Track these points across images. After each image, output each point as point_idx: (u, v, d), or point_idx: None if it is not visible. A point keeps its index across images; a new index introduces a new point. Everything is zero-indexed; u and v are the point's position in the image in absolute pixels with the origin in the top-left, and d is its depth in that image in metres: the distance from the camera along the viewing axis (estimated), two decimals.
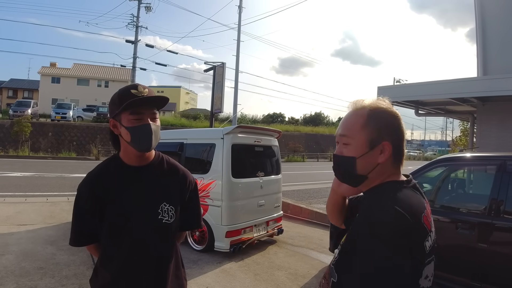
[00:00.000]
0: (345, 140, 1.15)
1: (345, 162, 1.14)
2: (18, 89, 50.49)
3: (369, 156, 1.11)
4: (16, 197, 9.34)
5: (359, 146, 1.11)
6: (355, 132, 1.13)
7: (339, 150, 1.17)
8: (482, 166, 4.70)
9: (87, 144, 27.83)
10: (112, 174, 1.58)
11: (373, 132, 1.11)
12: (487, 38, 9.27)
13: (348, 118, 1.17)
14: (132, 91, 1.50)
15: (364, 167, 1.12)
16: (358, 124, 1.13)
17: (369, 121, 1.12)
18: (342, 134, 1.16)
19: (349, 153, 1.13)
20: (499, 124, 8.39)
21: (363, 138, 1.11)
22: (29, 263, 4.76)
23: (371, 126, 1.11)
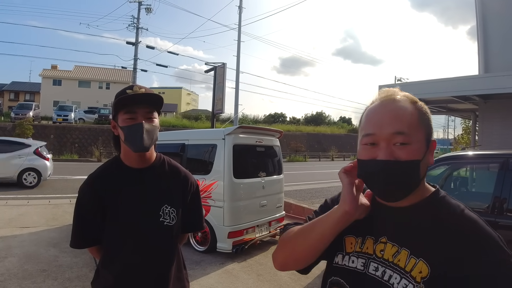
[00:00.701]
0: (404, 138, 0.90)
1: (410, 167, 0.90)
2: (19, 92, 50.56)
3: (426, 157, 0.93)
4: (18, 200, 9.36)
5: (420, 146, 0.91)
6: (414, 129, 0.91)
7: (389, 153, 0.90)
8: (485, 164, 4.69)
9: (89, 146, 27.86)
10: (113, 176, 1.57)
11: (427, 128, 0.94)
12: (488, 35, 9.25)
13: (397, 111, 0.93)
14: (127, 91, 1.50)
15: (423, 172, 0.93)
16: (415, 119, 0.92)
17: (422, 115, 0.94)
18: (400, 131, 0.90)
19: (412, 155, 0.89)
20: (502, 121, 8.37)
21: (422, 136, 0.92)
22: (32, 265, 4.77)
23: (424, 121, 0.94)
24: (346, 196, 0.95)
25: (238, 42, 23.56)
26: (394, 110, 0.93)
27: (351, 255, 1.02)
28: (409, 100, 0.95)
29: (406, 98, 0.95)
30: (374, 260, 0.96)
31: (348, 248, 1.03)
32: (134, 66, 29.11)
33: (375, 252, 0.97)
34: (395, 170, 0.89)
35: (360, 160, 0.97)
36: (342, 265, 1.03)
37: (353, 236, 1.03)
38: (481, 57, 9.31)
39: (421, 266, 0.87)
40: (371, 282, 0.95)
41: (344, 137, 49.82)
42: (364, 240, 1.01)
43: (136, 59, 28.90)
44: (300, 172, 22.02)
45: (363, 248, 1.00)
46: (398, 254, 0.92)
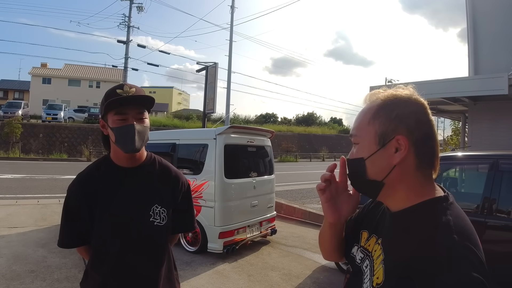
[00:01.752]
0: (355, 139, 0.96)
1: (354, 166, 0.96)
2: (8, 90, 50.02)
3: (380, 155, 0.90)
4: (6, 199, 9.24)
5: (367, 144, 0.92)
6: (362, 129, 0.94)
7: (350, 152, 0.99)
8: (474, 165, 4.73)
9: (78, 145, 27.65)
10: (103, 175, 1.55)
11: (384, 125, 0.90)
12: (478, 38, 9.37)
13: (359, 114, 0.98)
14: (117, 90, 1.48)
15: (376, 170, 0.91)
16: (366, 119, 0.93)
17: (379, 111, 0.92)
18: (351, 133, 0.98)
19: (357, 154, 0.94)
20: (491, 123, 8.48)
21: (371, 133, 0.91)
22: (20, 266, 4.70)
23: (382, 117, 0.91)
24: (324, 211, 1.06)
25: (230, 42, 23.54)
26: (358, 113, 0.99)
27: (359, 248, 1.06)
28: (380, 98, 0.94)
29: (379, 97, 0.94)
30: (369, 258, 0.98)
31: (362, 241, 1.07)
32: (125, 65, 28.89)
33: (372, 251, 0.98)
34: (349, 167, 0.99)
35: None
36: (354, 255, 1.07)
37: (367, 231, 1.06)
38: (471, 59, 9.43)
39: (380, 273, 0.87)
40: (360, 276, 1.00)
41: (335, 137, 50.04)
42: (370, 236, 1.03)
43: (127, 58, 28.68)
44: (291, 172, 22.08)
45: (366, 244, 1.03)
46: (378, 258, 0.92)
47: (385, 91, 0.95)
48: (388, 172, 0.89)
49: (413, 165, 0.89)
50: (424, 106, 0.92)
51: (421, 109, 0.91)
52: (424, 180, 0.91)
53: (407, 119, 0.89)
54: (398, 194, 0.91)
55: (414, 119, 0.89)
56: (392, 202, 0.93)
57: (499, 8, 9.09)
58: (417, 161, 0.89)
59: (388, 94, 0.94)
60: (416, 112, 0.90)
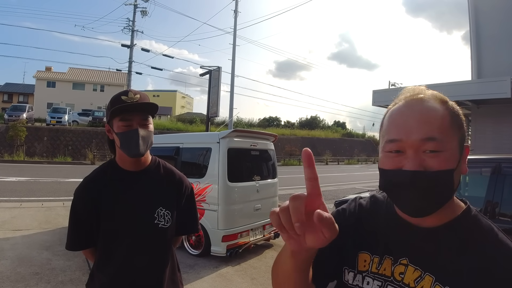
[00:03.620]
0: (435, 145, 0.77)
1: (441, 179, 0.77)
2: (13, 93, 50.24)
3: (460, 165, 0.81)
4: (11, 202, 9.30)
5: (454, 153, 0.79)
6: (446, 133, 0.78)
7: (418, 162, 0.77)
8: (477, 168, 4.72)
9: (82, 148, 27.71)
10: (109, 178, 1.58)
11: (460, 132, 0.81)
12: (481, 41, 9.36)
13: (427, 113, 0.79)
14: (122, 97, 1.52)
15: (457, 183, 0.80)
16: (446, 122, 0.79)
17: (454, 117, 0.81)
18: (431, 136, 0.77)
19: (444, 164, 0.77)
20: (494, 126, 8.46)
21: (456, 141, 0.80)
22: (25, 268, 4.73)
23: (458, 124, 0.81)
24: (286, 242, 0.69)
25: (234, 45, 23.61)
26: (423, 112, 0.80)
27: (365, 275, 0.89)
28: (438, 100, 0.82)
29: (435, 97, 0.83)
30: (392, 283, 0.84)
31: (361, 266, 0.91)
32: (129, 68, 29.08)
33: (393, 274, 0.85)
34: (426, 182, 0.76)
35: (382, 170, 0.84)
36: (355, 285, 0.90)
37: (368, 253, 0.91)
38: (474, 63, 9.41)
39: None
40: None
41: (338, 141, 49.94)
42: (381, 260, 0.88)
43: (131, 62, 28.88)
44: (294, 176, 22.04)
45: (379, 269, 0.87)
46: (421, 280, 0.80)
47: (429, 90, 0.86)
48: (458, 183, 0.81)
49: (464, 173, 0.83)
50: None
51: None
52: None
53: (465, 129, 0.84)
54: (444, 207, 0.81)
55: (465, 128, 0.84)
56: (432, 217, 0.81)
57: (501, 11, 9.08)
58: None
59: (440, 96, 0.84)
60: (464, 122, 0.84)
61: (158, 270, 1.59)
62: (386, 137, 0.83)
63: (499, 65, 8.68)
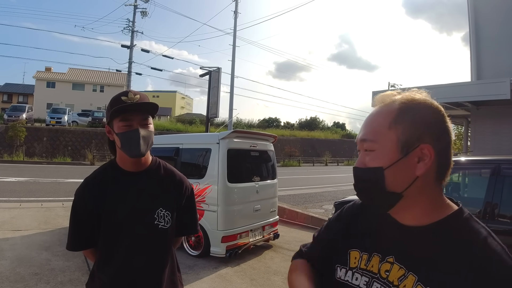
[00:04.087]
0: (368, 145, 0.86)
1: (370, 175, 0.85)
2: (13, 94, 50.25)
3: (402, 164, 0.82)
4: (10, 203, 9.29)
5: (387, 152, 0.83)
6: (380, 134, 0.85)
7: (360, 160, 0.89)
8: (477, 169, 4.74)
9: (82, 149, 27.71)
10: (109, 179, 1.59)
11: (406, 131, 0.83)
12: (480, 42, 9.37)
13: (372, 117, 0.89)
14: (122, 97, 1.52)
15: (396, 181, 0.83)
16: (386, 123, 0.85)
17: (403, 116, 0.84)
18: (363, 138, 0.88)
19: (374, 162, 0.84)
20: (493, 127, 8.47)
21: (392, 140, 0.83)
22: (24, 268, 4.73)
23: (406, 122, 0.83)
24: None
25: (233, 46, 23.62)
26: (369, 117, 0.90)
27: (355, 271, 0.94)
28: (398, 102, 0.86)
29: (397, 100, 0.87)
30: (378, 280, 0.88)
31: (352, 262, 0.96)
32: (128, 69, 29.05)
33: (379, 271, 0.88)
34: (359, 177, 0.89)
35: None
36: (346, 281, 0.95)
37: (358, 250, 0.96)
38: (474, 64, 9.43)
39: None
40: None
41: (338, 142, 49.99)
42: (370, 256, 0.92)
43: (130, 62, 28.84)
44: (294, 177, 22.05)
45: (368, 266, 0.91)
46: (404, 279, 0.83)
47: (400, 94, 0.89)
48: (409, 184, 0.82)
49: (433, 176, 0.84)
50: (444, 113, 0.86)
51: (442, 115, 0.85)
52: (440, 191, 0.87)
53: (433, 127, 0.84)
54: (417, 208, 0.85)
55: (437, 127, 0.84)
56: (408, 216, 0.87)
57: (501, 13, 9.10)
58: (437, 172, 0.85)
59: (408, 97, 0.87)
60: (438, 119, 0.85)
61: (158, 270, 1.60)
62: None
63: (499, 67, 8.70)
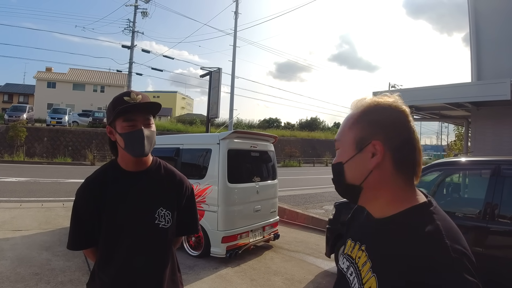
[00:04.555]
0: (337, 144, 1.00)
1: (335, 170, 0.99)
2: (13, 94, 50.30)
3: (357, 160, 0.93)
4: (11, 203, 9.30)
5: (346, 149, 0.96)
6: (344, 134, 0.98)
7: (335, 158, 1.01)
8: (477, 170, 4.74)
9: (82, 149, 27.73)
10: (110, 179, 1.59)
11: (362, 130, 0.93)
12: (481, 43, 9.36)
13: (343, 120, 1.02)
14: (125, 98, 1.53)
15: (354, 174, 0.93)
16: (348, 124, 0.97)
17: (361, 117, 0.95)
18: (335, 139, 1.02)
19: (338, 158, 0.98)
20: (494, 128, 8.46)
21: (350, 138, 0.95)
22: (25, 268, 4.74)
23: (361, 123, 0.94)
24: None
25: (234, 47, 23.63)
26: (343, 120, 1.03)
27: (344, 256, 1.06)
28: (363, 105, 0.96)
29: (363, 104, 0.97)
30: (353, 265, 0.98)
31: (346, 249, 1.07)
32: (129, 69, 29.06)
33: (355, 257, 0.98)
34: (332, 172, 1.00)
35: None
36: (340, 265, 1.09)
37: (350, 238, 1.08)
38: (474, 65, 9.41)
39: (372, 282, 0.85)
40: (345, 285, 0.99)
41: None
42: (355, 244, 1.02)
43: (131, 63, 28.86)
44: (294, 177, 22.05)
45: (352, 253, 1.02)
46: (364, 265, 0.91)
47: (369, 98, 0.97)
48: (365, 176, 0.91)
49: (391, 170, 0.90)
50: (405, 113, 0.92)
51: (401, 115, 0.92)
52: (404, 186, 0.92)
53: (386, 126, 0.91)
54: (380, 200, 0.93)
55: (392, 125, 0.91)
56: (374, 208, 0.96)
57: (502, 13, 9.09)
58: (396, 167, 0.90)
59: (371, 101, 0.96)
60: (394, 119, 0.91)
61: (158, 270, 1.60)
62: None
63: (499, 67, 8.68)
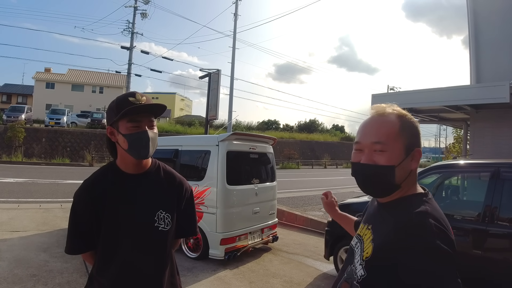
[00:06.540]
0: (381, 147, 1.11)
1: (382, 172, 1.10)
2: (12, 94, 50.24)
3: (404, 163, 1.11)
4: (9, 203, 9.26)
5: (397, 153, 1.10)
6: (391, 139, 1.11)
7: (369, 158, 1.13)
8: (476, 173, 4.73)
9: (81, 150, 27.70)
10: (109, 181, 1.57)
11: (407, 139, 1.12)
12: (480, 46, 9.38)
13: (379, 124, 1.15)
14: (130, 98, 1.50)
15: (401, 176, 1.11)
16: (394, 130, 1.11)
17: (404, 127, 1.12)
18: (377, 141, 1.12)
19: (387, 161, 1.10)
20: (492, 131, 8.47)
21: (400, 145, 1.11)
22: (22, 270, 4.71)
23: (405, 132, 1.12)
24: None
25: (233, 48, 23.66)
26: (377, 123, 1.15)
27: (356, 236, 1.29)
28: (395, 115, 1.15)
29: (393, 113, 1.15)
30: (360, 240, 1.21)
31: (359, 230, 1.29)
32: (128, 70, 29.09)
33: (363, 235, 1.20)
34: (373, 172, 1.12)
35: (351, 162, 1.22)
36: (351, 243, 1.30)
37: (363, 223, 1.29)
38: (473, 67, 9.43)
39: (369, 249, 1.09)
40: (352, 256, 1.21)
41: (337, 144, 49.98)
42: (364, 225, 1.25)
43: (130, 64, 28.89)
44: (293, 179, 22.05)
45: (361, 232, 1.24)
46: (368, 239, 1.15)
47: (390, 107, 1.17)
48: (406, 177, 1.12)
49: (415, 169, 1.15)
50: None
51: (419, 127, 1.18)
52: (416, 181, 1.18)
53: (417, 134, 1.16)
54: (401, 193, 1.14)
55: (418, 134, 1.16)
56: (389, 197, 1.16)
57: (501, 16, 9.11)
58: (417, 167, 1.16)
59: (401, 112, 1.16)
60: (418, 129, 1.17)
61: (158, 273, 1.59)
62: (355, 140, 1.22)
63: (498, 70, 8.70)
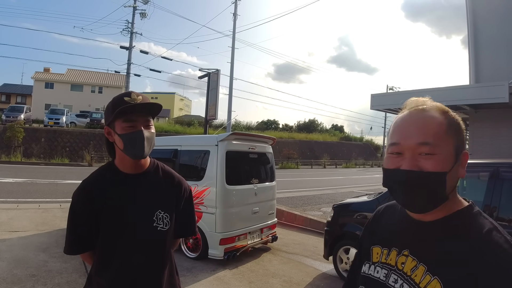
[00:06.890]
0: (428, 149, 0.88)
1: (431, 180, 0.87)
2: (11, 94, 50.19)
3: (454, 169, 0.90)
4: (8, 203, 9.25)
5: (447, 157, 0.88)
6: (440, 139, 0.89)
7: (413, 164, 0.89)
8: (475, 173, 4.73)
9: (80, 150, 27.67)
10: (107, 181, 1.57)
11: (455, 139, 0.91)
12: (479, 46, 9.40)
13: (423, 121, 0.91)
14: (125, 98, 1.50)
15: (451, 184, 0.89)
16: (442, 129, 0.90)
17: (450, 124, 0.91)
18: (424, 141, 0.88)
19: (436, 166, 0.87)
20: (492, 130, 8.49)
21: (450, 147, 0.89)
22: (21, 270, 4.71)
23: (453, 132, 0.91)
24: None
25: (232, 48, 23.67)
26: (421, 120, 0.91)
27: (377, 265, 1.03)
28: (439, 110, 0.93)
29: (435, 107, 0.93)
30: (395, 272, 0.96)
31: (375, 257, 1.05)
32: (127, 70, 29.08)
33: (396, 264, 0.97)
34: (419, 181, 0.88)
35: (385, 169, 0.96)
36: (368, 274, 1.04)
37: (380, 246, 1.05)
38: (472, 66, 9.45)
39: (435, 284, 0.85)
40: None
41: (336, 144, 50.04)
42: (389, 251, 1.01)
43: (129, 64, 28.87)
44: (292, 179, 22.05)
45: (387, 260, 1.00)
46: (416, 269, 0.90)
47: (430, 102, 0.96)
48: (455, 186, 0.92)
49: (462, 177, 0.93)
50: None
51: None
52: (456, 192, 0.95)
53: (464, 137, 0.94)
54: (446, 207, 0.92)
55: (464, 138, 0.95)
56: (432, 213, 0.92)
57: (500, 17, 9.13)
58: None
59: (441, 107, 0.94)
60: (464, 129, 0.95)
61: (156, 273, 1.58)
62: (390, 141, 0.96)
63: (497, 70, 8.73)
